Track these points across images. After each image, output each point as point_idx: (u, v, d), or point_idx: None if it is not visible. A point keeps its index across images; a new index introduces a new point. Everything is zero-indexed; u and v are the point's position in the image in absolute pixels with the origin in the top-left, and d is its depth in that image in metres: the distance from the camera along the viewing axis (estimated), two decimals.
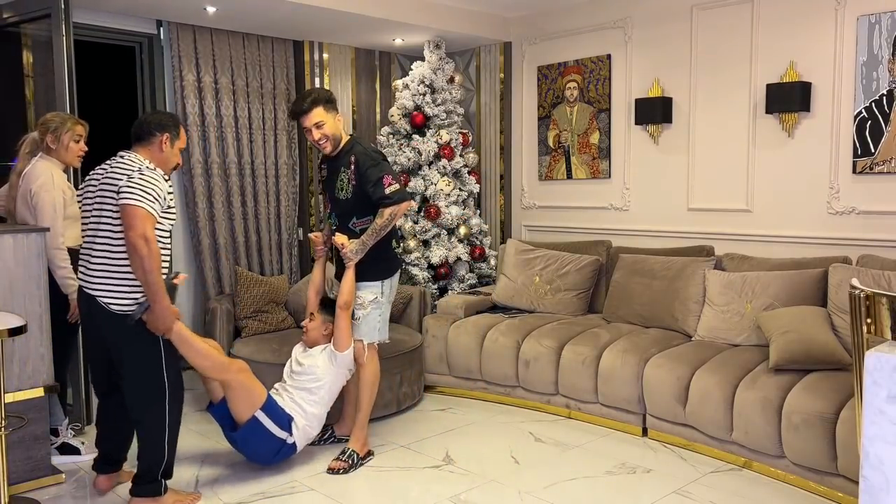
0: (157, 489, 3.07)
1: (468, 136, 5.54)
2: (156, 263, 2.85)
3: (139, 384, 3.03)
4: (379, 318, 3.65)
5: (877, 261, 3.76)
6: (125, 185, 2.89)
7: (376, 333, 3.66)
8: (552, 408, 4.35)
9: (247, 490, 3.33)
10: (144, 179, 2.91)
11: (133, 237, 2.82)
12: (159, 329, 2.97)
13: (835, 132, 4.14)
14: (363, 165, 3.51)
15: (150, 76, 4.99)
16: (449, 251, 5.25)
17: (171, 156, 3.14)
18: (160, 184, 2.94)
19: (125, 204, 2.85)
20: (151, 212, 2.88)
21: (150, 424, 3.04)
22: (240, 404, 3.36)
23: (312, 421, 3.56)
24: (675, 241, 4.77)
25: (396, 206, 3.51)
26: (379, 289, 3.62)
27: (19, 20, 4.16)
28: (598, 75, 5.22)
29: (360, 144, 3.63)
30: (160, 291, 2.89)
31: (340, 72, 5.71)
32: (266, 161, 5.32)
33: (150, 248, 2.83)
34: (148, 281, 2.86)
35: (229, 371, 3.30)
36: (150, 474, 3.06)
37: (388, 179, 3.50)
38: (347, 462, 3.55)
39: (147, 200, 2.87)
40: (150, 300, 2.91)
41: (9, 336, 2.83)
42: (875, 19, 3.93)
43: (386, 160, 3.66)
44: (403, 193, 3.55)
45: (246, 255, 5.26)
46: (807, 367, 3.46)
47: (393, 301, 3.81)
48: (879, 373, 1.58)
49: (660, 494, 3.27)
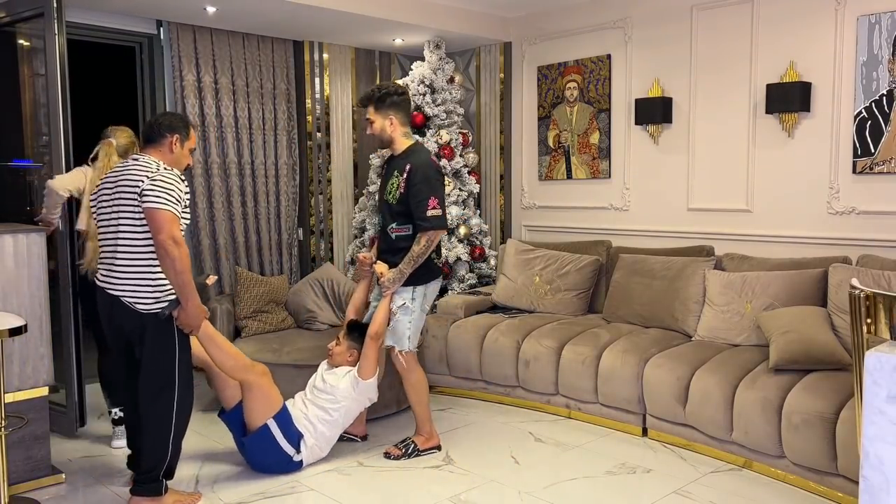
0: (158, 489, 3.07)
1: (468, 136, 5.54)
2: (186, 264, 2.91)
3: (150, 383, 3.04)
4: (409, 326, 3.60)
5: (877, 261, 3.76)
6: (147, 188, 2.91)
7: (406, 342, 3.61)
8: (552, 408, 4.35)
9: (247, 490, 3.33)
10: (165, 181, 2.94)
11: (163, 240, 2.86)
12: (189, 327, 3.03)
13: (835, 132, 4.14)
14: (415, 178, 3.50)
15: (150, 76, 4.98)
16: (449, 251, 5.25)
17: (182, 156, 3.18)
18: (179, 185, 2.99)
19: (149, 208, 2.88)
20: (175, 213, 2.92)
21: (156, 420, 3.04)
22: (255, 408, 3.37)
23: (321, 441, 3.56)
24: (675, 241, 4.77)
25: (433, 233, 3.49)
26: (409, 294, 3.58)
27: (12, 20, 4.14)
28: (598, 75, 5.22)
29: (420, 154, 3.60)
30: (192, 291, 2.95)
31: (340, 72, 5.71)
32: (266, 161, 5.32)
33: (180, 249, 2.88)
34: (180, 282, 2.91)
35: (252, 372, 3.34)
36: (151, 473, 3.06)
37: (434, 202, 3.47)
38: (402, 450, 3.66)
39: (171, 202, 2.91)
40: (182, 300, 2.95)
41: (9, 336, 2.84)
42: (875, 19, 3.93)
43: (440, 180, 3.59)
44: (442, 221, 3.52)
45: (246, 255, 5.26)
46: (807, 367, 3.45)
47: (428, 309, 3.74)
48: (879, 373, 1.58)
49: (660, 494, 3.27)
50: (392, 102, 3.58)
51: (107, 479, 3.47)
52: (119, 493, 3.31)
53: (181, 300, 2.95)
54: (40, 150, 4.46)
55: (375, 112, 3.58)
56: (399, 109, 3.60)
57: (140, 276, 2.96)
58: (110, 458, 3.73)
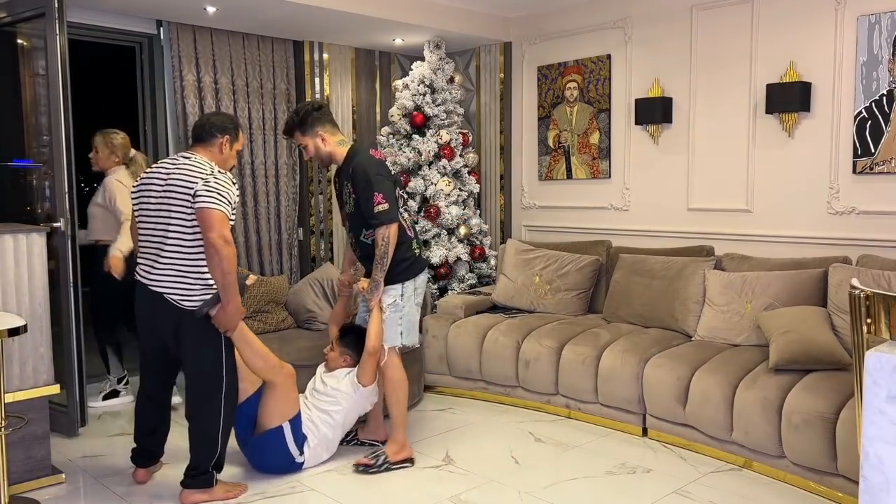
0: (209, 481, 3.16)
1: (468, 136, 5.54)
2: (234, 264, 2.98)
3: (199, 380, 3.14)
4: (400, 322, 3.57)
5: (877, 261, 3.76)
6: (202, 188, 2.98)
7: (398, 338, 3.57)
8: (552, 408, 4.35)
9: (247, 490, 3.33)
10: (219, 183, 3.03)
11: (214, 238, 2.93)
12: (227, 326, 3.08)
13: (835, 132, 4.14)
14: (356, 179, 3.43)
15: (150, 76, 4.98)
16: (449, 251, 5.25)
17: (230, 157, 3.28)
18: (231, 187, 3.07)
19: (204, 208, 2.96)
20: (227, 214, 3.00)
21: (206, 419, 3.13)
22: (274, 408, 3.38)
23: (324, 443, 3.56)
24: (675, 241, 4.77)
25: (384, 228, 3.40)
26: (398, 291, 3.55)
27: (13, 20, 4.14)
28: (598, 75, 5.22)
29: (358, 155, 3.51)
30: (236, 291, 3.02)
31: (340, 72, 5.71)
32: (266, 161, 5.32)
33: (230, 248, 2.96)
34: (225, 281, 2.99)
35: (280, 373, 3.37)
36: (202, 466, 3.15)
37: (378, 198, 3.38)
38: (373, 461, 3.53)
39: (224, 203, 2.99)
40: (224, 298, 3.02)
41: (9, 336, 2.84)
42: (875, 19, 3.93)
43: (381, 174, 3.47)
44: (390, 214, 3.40)
45: (246, 255, 5.26)
46: (807, 367, 3.45)
47: (420, 302, 3.70)
48: (879, 373, 1.58)
49: (660, 494, 3.27)
50: (313, 119, 3.49)
51: (107, 479, 3.47)
52: (119, 493, 3.31)
53: (223, 299, 3.02)
54: (41, 151, 4.46)
55: (303, 136, 3.51)
56: (323, 122, 3.52)
57: (186, 274, 3.03)
58: (111, 458, 3.73)
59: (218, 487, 3.20)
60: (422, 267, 3.68)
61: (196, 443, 3.16)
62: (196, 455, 3.16)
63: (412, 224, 3.73)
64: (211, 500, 3.17)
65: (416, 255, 3.63)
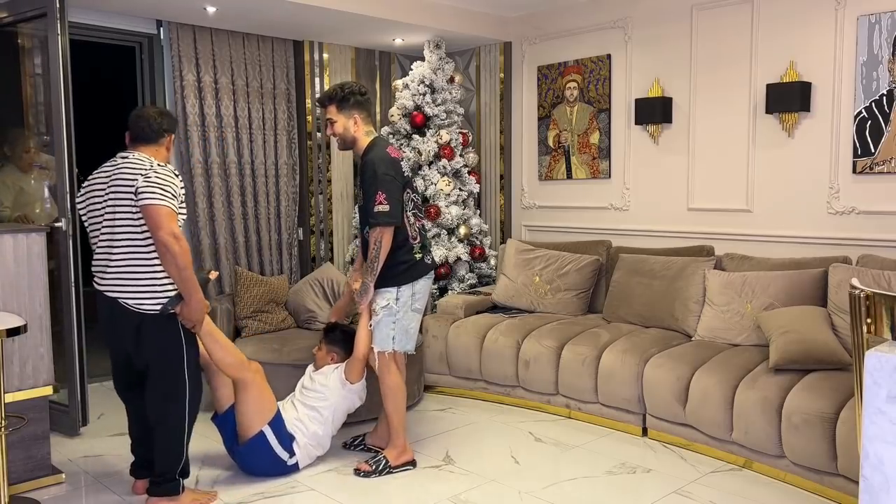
0: (175, 488, 3.09)
1: (468, 136, 5.53)
2: (188, 259, 2.90)
3: (161, 383, 3.04)
4: (393, 326, 3.44)
5: (877, 261, 3.76)
6: (143, 185, 2.89)
7: (390, 343, 3.45)
8: (552, 408, 4.35)
9: (247, 490, 3.33)
10: (160, 177, 2.92)
11: (163, 236, 2.84)
12: (192, 320, 3.01)
13: (835, 132, 4.14)
14: (364, 173, 3.38)
15: (150, 76, 4.98)
16: (449, 251, 5.25)
17: (169, 157, 3.18)
18: (174, 180, 2.98)
19: (147, 204, 2.86)
20: (172, 208, 2.91)
21: (170, 424, 3.05)
22: (250, 409, 3.33)
23: (314, 440, 3.53)
24: (675, 241, 4.77)
25: (379, 230, 3.30)
26: (393, 295, 3.43)
27: (14, 20, 4.15)
28: (598, 75, 5.22)
29: (376, 148, 3.44)
30: (195, 286, 2.96)
31: (340, 72, 5.71)
32: (266, 161, 5.32)
33: (181, 244, 2.88)
34: (182, 277, 2.91)
35: (248, 370, 3.32)
36: (168, 474, 3.07)
37: (380, 197, 3.28)
38: (372, 466, 3.49)
39: (168, 197, 2.90)
40: (185, 294, 2.95)
41: (8, 336, 2.84)
42: (875, 19, 3.93)
43: (390, 173, 3.36)
44: (388, 217, 3.30)
45: (246, 255, 5.26)
46: (807, 367, 3.45)
47: (420, 309, 3.57)
48: (879, 373, 1.58)
49: (660, 494, 3.27)
50: (356, 102, 3.44)
51: (107, 479, 3.47)
52: (119, 493, 3.31)
53: (184, 295, 2.95)
54: (42, 150, 4.46)
55: (339, 111, 3.43)
56: (363, 109, 3.47)
57: (139, 276, 2.94)
58: (111, 458, 3.73)
59: (185, 495, 3.12)
60: (423, 272, 3.52)
61: (161, 450, 3.06)
62: (161, 462, 3.07)
63: (421, 228, 3.56)
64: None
65: (416, 260, 3.49)
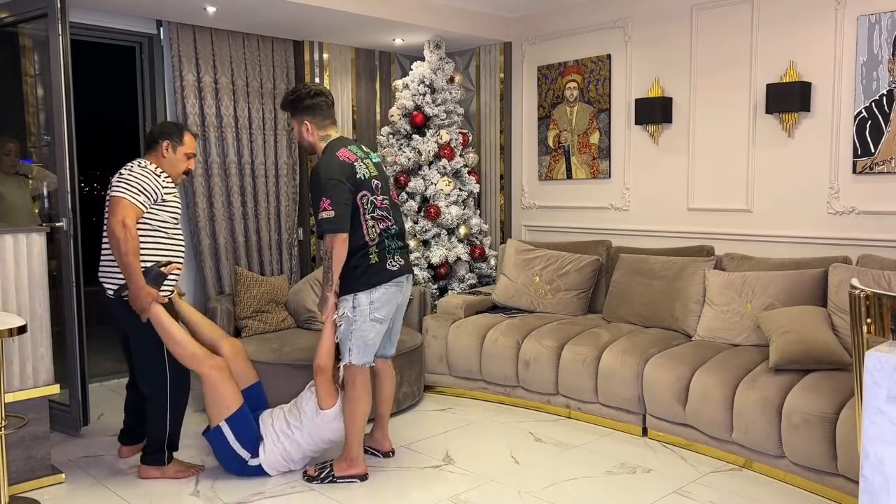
0: (161, 459, 3.41)
1: (468, 136, 5.54)
2: (131, 247, 3.15)
3: (143, 365, 3.38)
4: (350, 336, 3.25)
5: (877, 261, 3.76)
6: (115, 180, 3.27)
7: (347, 355, 3.27)
8: (552, 408, 4.35)
9: (247, 490, 3.33)
10: (132, 174, 3.26)
11: (112, 223, 3.15)
12: (135, 306, 3.24)
13: (835, 132, 4.14)
14: (312, 181, 3.26)
15: (150, 76, 4.98)
16: (449, 251, 5.25)
17: (176, 161, 3.45)
18: (149, 178, 3.27)
19: (111, 196, 3.22)
20: (134, 202, 3.20)
21: (155, 402, 3.36)
22: (209, 403, 3.39)
23: (283, 453, 3.42)
24: (675, 241, 4.77)
25: (329, 239, 3.15)
26: (349, 303, 3.25)
27: (15, 20, 4.15)
28: (598, 75, 5.22)
29: (324, 155, 3.28)
30: (134, 273, 3.17)
31: (340, 72, 5.71)
32: (266, 161, 5.32)
33: (127, 233, 3.14)
34: (123, 262, 3.18)
35: (203, 364, 3.34)
36: (155, 445, 3.40)
37: (325, 203, 3.12)
38: (316, 472, 3.41)
39: (131, 192, 3.20)
40: (126, 280, 3.21)
41: (9, 336, 2.84)
42: (875, 19, 3.93)
43: (335, 177, 3.16)
44: (334, 224, 3.12)
45: (246, 255, 5.26)
46: (807, 367, 3.46)
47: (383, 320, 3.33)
48: (879, 373, 1.58)
49: (660, 494, 3.27)
50: (304, 107, 3.30)
51: (107, 479, 3.47)
52: (119, 493, 3.31)
53: (126, 281, 3.21)
54: (43, 150, 4.46)
55: (292, 117, 3.37)
56: (314, 113, 3.31)
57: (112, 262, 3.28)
58: (111, 457, 3.73)
59: (171, 466, 3.43)
60: (383, 278, 3.26)
61: (150, 423, 3.40)
62: (150, 434, 3.41)
63: (385, 230, 3.31)
64: (163, 477, 3.41)
65: (370, 263, 3.24)
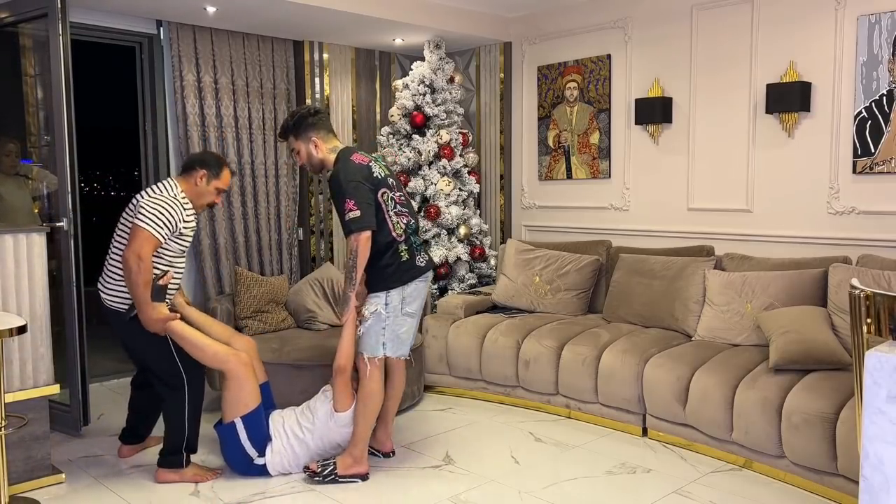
0: (179, 461, 3.40)
1: (468, 136, 5.54)
2: (143, 279, 3.18)
3: (158, 374, 3.38)
4: (383, 332, 3.35)
5: (877, 261, 3.76)
6: (141, 205, 3.25)
7: (380, 348, 3.35)
8: (552, 408, 4.35)
9: (247, 490, 3.33)
10: (162, 200, 3.26)
11: (128, 254, 3.16)
12: (148, 328, 3.27)
13: (835, 132, 4.14)
14: (332, 186, 3.32)
15: (150, 76, 4.98)
16: (449, 251, 5.25)
17: (205, 192, 3.45)
18: (176, 209, 3.28)
19: (134, 223, 3.21)
20: (156, 235, 3.20)
21: (173, 408, 3.38)
22: (228, 398, 3.41)
23: (290, 456, 3.44)
24: (675, 241, 4.77)
25: (354, 238, 3.21)
26: (381, 300, 3.33)
27: (15, 20, 4.15)
28: (598, 75, 5.22)
29: (340, 161, 3.36)
30: (145, 303, 3.22)
31: (340, 72, 5.71)
32: (266, 161, 5.32)
33: (141, 266, 3.16)
34: (134, 294, 3.22)
35: (228, 361, 3.38)
36: (173, 448, 3.39)
37: (349, 204, 3.21)
38: (319, 470, 3.39)
39: (156, 224, 3.20)
40: (137, 308, 3.25)
41: (9, 336, 2.84)
42: (875, 19, 3.93)
43: (355, 179, 3.26)
44: (361, 222, 3.20)
45: (246, 255, 5.26)
46: (807, 367, 3.46)
47: (414, 314, 3.44)
48: (879, 373, 1.58)
49: (660, 494, 3.27)
50: (309, 125, 3.40)
51: (107, 479, 3.47)
52: (119, 493, 3.31)
53: (137, 309, 3.25)
54: (43, 150, 4.46)
55: (297, 140, 3.42)
56: (318, 128, 3.41)
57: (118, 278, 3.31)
58: (111, 457, 3.73)
59: (189, 469, 3.41)
60: (414, 275, 3.38)
61: (168, 427, 3.40)
62: (168, 438, 3.40)
63: (407, 225, 3.42)
64: (181, 481, 3.38)
65: (403, 260, 3.35)
